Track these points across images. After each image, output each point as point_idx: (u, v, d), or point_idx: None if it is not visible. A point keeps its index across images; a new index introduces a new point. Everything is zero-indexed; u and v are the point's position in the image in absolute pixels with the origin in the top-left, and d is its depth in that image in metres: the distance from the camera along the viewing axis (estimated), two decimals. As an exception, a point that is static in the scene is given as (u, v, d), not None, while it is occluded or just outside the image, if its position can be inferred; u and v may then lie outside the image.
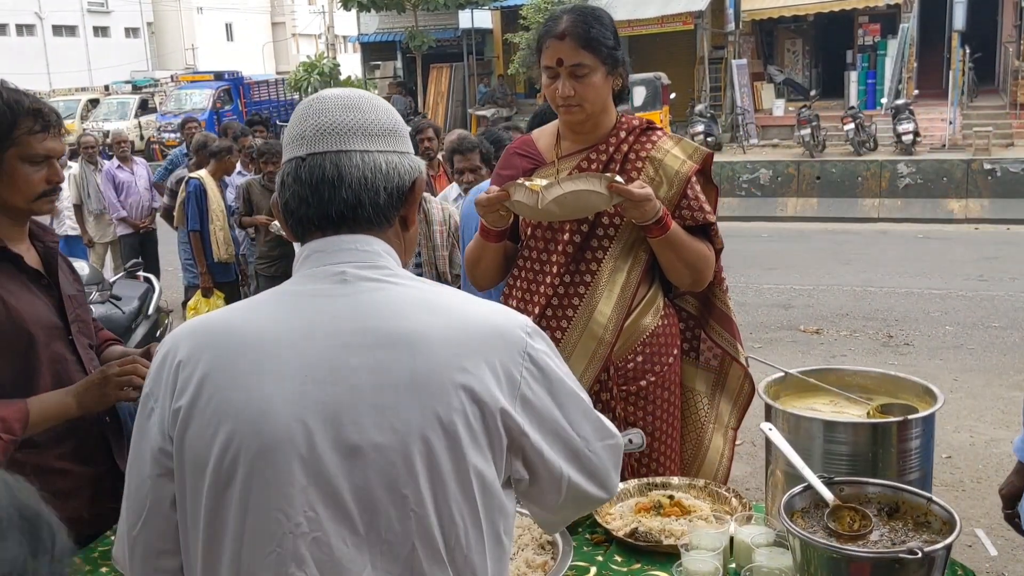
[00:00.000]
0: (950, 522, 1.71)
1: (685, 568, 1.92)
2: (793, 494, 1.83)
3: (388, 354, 1.29)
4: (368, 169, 1.39)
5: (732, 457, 2.94)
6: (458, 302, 1.38)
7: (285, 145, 1.44)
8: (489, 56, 29.09)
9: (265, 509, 1.28)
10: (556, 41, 2.57)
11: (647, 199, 2.48)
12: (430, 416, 1.28)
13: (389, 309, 1.33)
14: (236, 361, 1.31)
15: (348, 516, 1.27)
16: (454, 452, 1.29)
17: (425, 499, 1.28)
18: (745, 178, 15.21)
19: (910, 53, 20.46)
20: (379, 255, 1.39)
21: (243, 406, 1.28)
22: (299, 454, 1.27)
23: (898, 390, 2.17)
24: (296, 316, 1.33)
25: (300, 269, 1.40)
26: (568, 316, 2.69)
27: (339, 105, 1.41)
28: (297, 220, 1.41)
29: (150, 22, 49.00)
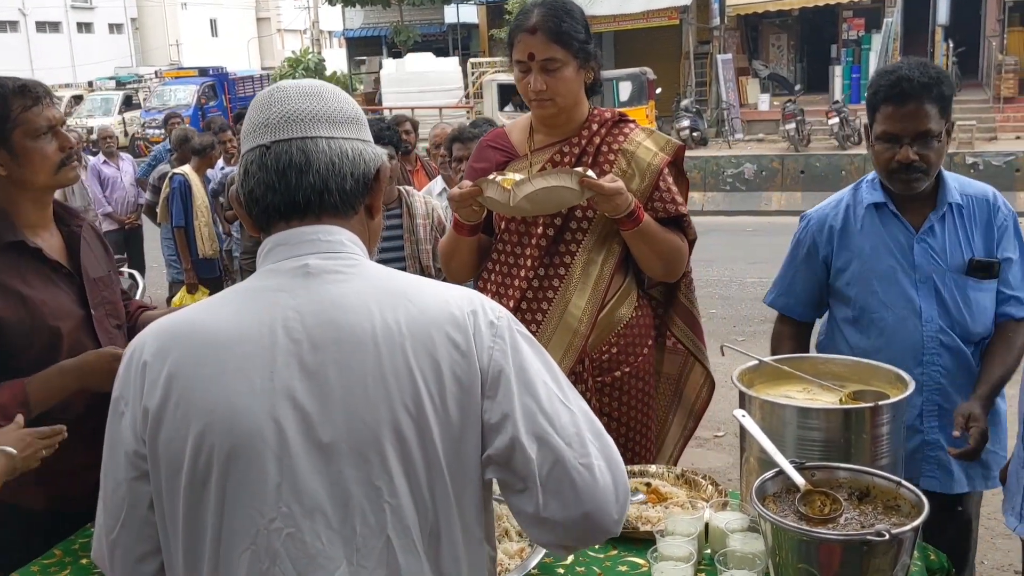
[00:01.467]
0: (919, 505, 1.74)
1: (660, 553, 1.94)
2: (765, 479, 1.85)
3: (353, 347, 1.29)
4: (335, 155, 1.39)
5: (688, 440, 3.00)
6: (421, 289, 1.37)
7: (245, 135, 1.42)
8: (475, 51, 29.07)
9: (240, 507, 1.28)
10: (527, 35, 2.58)
11: (618, 193, 2.50)
12: (400, 407, 1.28)
13: (352, 301, 1.32)
14: (201, 360, 1.31)
15: (322, 511, 1.28)
16: (426, 441, 1.29)
17: (399, 490, 1.29)
18: (730, 172, 15.25)
19: (894, 47, 20.55)
20: (343, 244, 1.39)
21: (212, 405, 1.28)
22: (271, 451, 1.27)
23: (870, 377, 2.19)
24: (259, 313, 1.32)
25: (263, 263, 1.39)
26: (543, 309, 2.71)
27: (301, 93, 1.41)
28: (262, 209, 1.39)
29: (134, 18, 48.77)
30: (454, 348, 1.31)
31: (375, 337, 1.29)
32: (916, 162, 2.46)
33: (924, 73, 2.44)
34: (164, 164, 8.43)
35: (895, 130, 2.47)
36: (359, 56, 32.10)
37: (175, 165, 7.62)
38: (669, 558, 1.92)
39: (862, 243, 2.66)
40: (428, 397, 1.29)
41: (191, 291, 7.22)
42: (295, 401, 1.28)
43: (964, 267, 2.56)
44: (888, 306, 2.60)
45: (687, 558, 1.91)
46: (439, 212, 4.23)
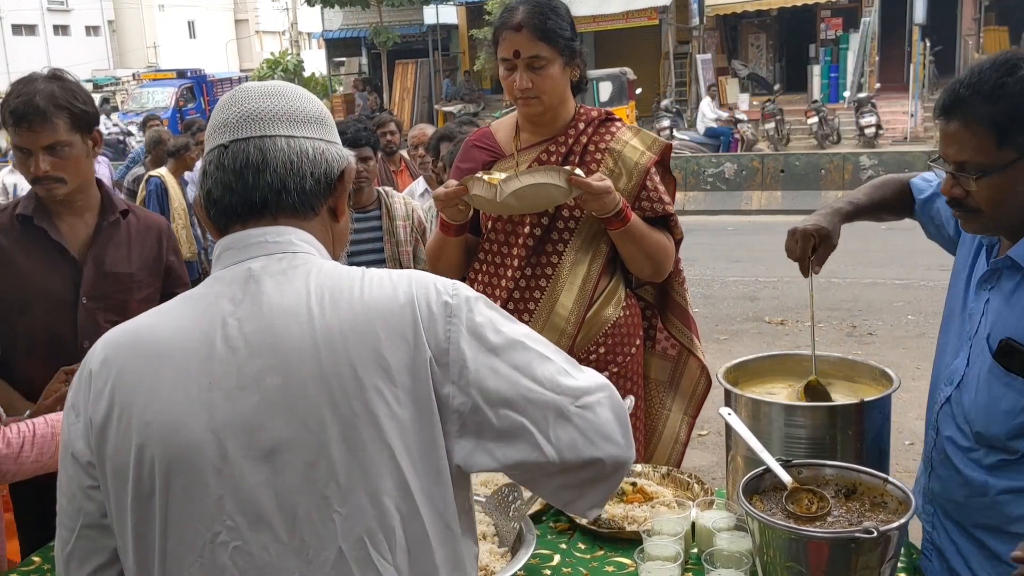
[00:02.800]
0: (906, 502, 1.73)
1: (647, 553, 1.93)
2: (751, 477, 1.84)
3: (292, 352, 1.25)
4: (294, 153, 1.36)
5: (687, 443, 2.96)
6: (366, 282, 1.32)
7: (208, 137, 1.40)
8: (455, 52, 29.06)
9: (184, 521, 1.26)
10: (512, 33, 2.56)
11: (606, 191, 2.49)
12: (346, 411, 1.23)
13: (291, 304, 1.28)
14: (141, 371, 1.28)
15: (268, 523, 1.24)
16: (380, 445, 1.24)
17: (350, 499, 1.24)
18: (710, 172, 15.30)
19: (872, 47, 20.68)
20: (292, 244, 1.35)
21: (151, 418, 1.26)
22: (212, 464, 1.24)
23: (855, 374, 2.19)
24: (199, 322, 1.30)
25: (213, 268, 1.37)
26: (530, 309, 2.69)
27: (262, 93, 1.38)
28: (220, 210, 1.36)
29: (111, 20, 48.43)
30: (401, 339, 1.26)
31: (315, 339, 1.25)
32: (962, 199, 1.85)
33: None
34: (138, 167, 8.37)
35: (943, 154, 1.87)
36: (338, 57, 31.99)
37: (150, 167, 7.56)
38: (656, 558, 1.91)
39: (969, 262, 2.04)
40: (377, 395, 1.24)
41: (170, 294, 7.17)
42: (234, 412, 1.24)
43: (994, 347, 1.85)
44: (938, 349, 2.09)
45: (674, 558, 1.90)
46: (419, 213, 4.21)
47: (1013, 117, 1.72)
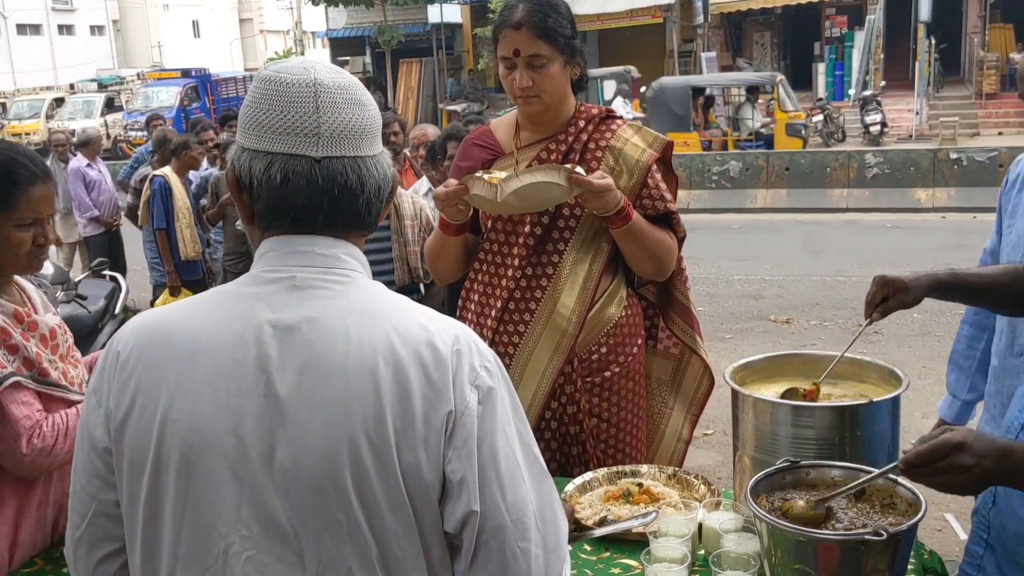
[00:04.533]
0: (915, 504, 1.71)
1: (653, 555, 1.91)
2: (759, 478, 1.82)
3: (322, 371, 1.23)
4: (381, 178, 1.34)
5: (689, 441, 2.95)
6: (408, 316, 1.29)
7: (282, 132, 1.29)
8: (459, 51, 29.05)
9: (199, 525, 1.24)
10: (512, 31, 2.54)
11: (607, 189, 2.47)
12: (361, 437, 1.21)
13: (330, 322, 1.25)
14: (169, 367, 1.26)
15: (283, 536, 1.23)
16: (388, 475, 1.22)
17: (360, 525, 1.23)
18: (715, 170, 15.26)
19: (877, 45, 20.64)
20: (339, 259, 1.32)
21: (177, 416, 1.24)
22: (232, 469, 1.23)
23: (863, 374, 2.17)
24: (234, 322, 1.27)
25: (255, 267, 1.33)
26: (531, 309, 2.68)
27: (350, 101, 1.32)
28: (293, 219, 1.30)
29: (115, 19, 48.49)
30: (428, 385, 1.23)
31: (346, 362, 1.23)
32: None
33: None
34: (145, 166, 8.37)
35: None
36: (342, 56, 31.98)
37: (156, 167, 7.56)
38: (663, 560, 1.89)
39: None
40: (393, 431, 1.21)
41: (174, 294, 7.17)
42: (260, 421, 1.23)
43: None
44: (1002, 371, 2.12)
45: (681, 560, 1.88)
46: (427, 212, 4.20)
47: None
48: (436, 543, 1.27)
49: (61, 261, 9.07)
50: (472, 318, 2.79)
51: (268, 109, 1.29)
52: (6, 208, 2.09)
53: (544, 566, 1.28)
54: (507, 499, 1.25)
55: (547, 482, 1.33)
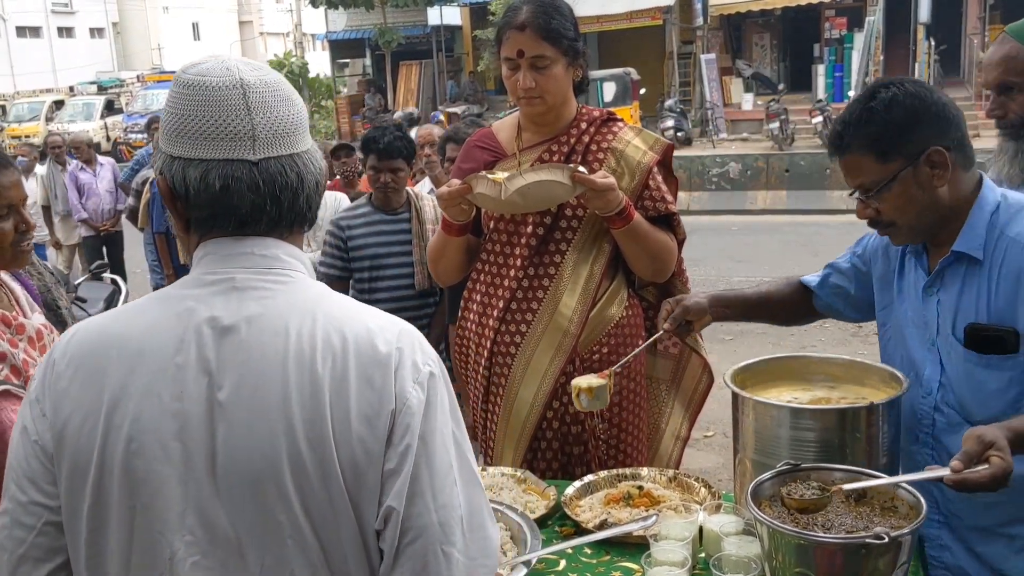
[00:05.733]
0: (916, 506, 1.71)
1: (654, 558, 1.91)
2: (760, 481, 1.82)
3: (261, 371, 1.22)
4: (318, 172, 1.33)
5: (687, 440, 2.97)
6: (349, 315, 1.28)
7: (215, 137, 1.26)
8: (459, 53, 29.04)
9: (147, 532, 1.23)
10: (516, 32, 2.55)
11: (610, 188, 2.49)
12: (301, 438, 1.20)
13: (269, 322, 1.24)
14: (109, 373, 1.25)
15: (227, 541, 1.22)
16: (328, 477, 1.21)
17: (302, 525, 1.22)
18: (715, 172, 15.26)
19: (876, 46, 20.61)
20: (279, 259, 1.30)
21: (119, 422, 1.23)
22: (177, 474, 1.22)
23: (864, 376, 2.16)
24: (174, 325, 1.26)
25: (193, 270, 1.31)
26: (532, 309, 2.68)
27: (278, 97, 1.30)
28: (237, 224, 1.29)
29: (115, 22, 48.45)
30: (367, 384, 1.22)
31: (285, 362, 1.22)
32: (876, 218, 2.04)
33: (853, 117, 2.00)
34: (147, 168, 8.37)
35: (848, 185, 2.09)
36: (342, 59, 32.00)
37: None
38: (663, 563, 1.89)
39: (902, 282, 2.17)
40: (332, 430, 1.20)
41: (174, 296, 7.15)
42: (202, 424, 1.22)
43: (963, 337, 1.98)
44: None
45: (681, 563, 1.88)
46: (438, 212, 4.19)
47: (884, 134, 1.94)
48: (376, 544, 1.26)
49: (61, 263, 9.08)
50: (474, 318, 2.80)
51: (197, 115, 1.26)
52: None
53: (467, 574, 1.26)
54: (437, 500, 1.24)
55: (478, 490, 1.31)
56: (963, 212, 1.99)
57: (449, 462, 1.26)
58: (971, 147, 2.02)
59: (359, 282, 3.99)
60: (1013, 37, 2.35)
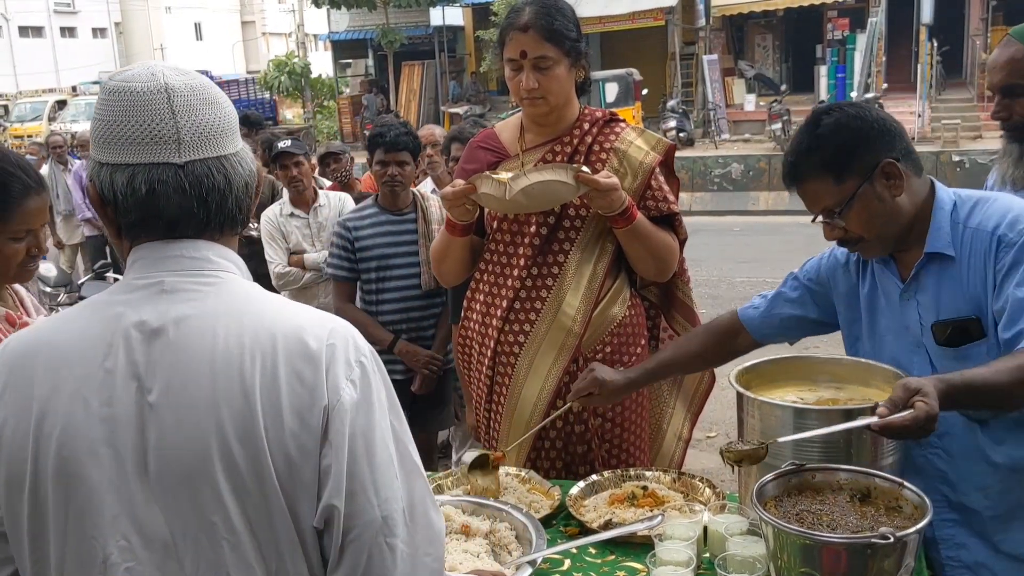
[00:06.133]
0: (921, 507, 1.71)
1: (659, 558, 1.91)
2: (765, 482, 1.83)
3: (189, 372, 1.22)
4: (247, 174, 1.33)
5: (689, 440, 2.98)
6: (279, 313, 1.28)
7: (142, 142, 1.26)
8: (461, 53, 29.04)
9: (81, 538, 1.23)
10: (519, 33, 2.56)
11: (613, 188, 2.50)
12: (232, 437, 1.20)
13: (197, 323, 1.24)
14: (40, 380, 1.25)
15: (162, 545, 1.22)
16: (262, 476, 1.21)
17: (236, 526, 1.22)
18: (717, 172, 15.27)
19: (878, 47, 20.60)
20: (209, 261, 1.30)
21: (50, 429, 1.23)
22: (109, 480, 1.22)
23: (869, 376, 2.16)
24: (103, 331, 1.26)
25: (124, 276, 1.32)
26: (536, 308, 2.69)
27: (203, 101, 1.30)
28: (166, 228, 1.29)
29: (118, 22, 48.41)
30: (298, 380, 1.22)
31: (213, 362, 1.22)
32: (845, 236, 2.11)
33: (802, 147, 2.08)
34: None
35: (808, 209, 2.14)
36: (344, 59, 32.00)
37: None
38: (668, 563, 1.90)
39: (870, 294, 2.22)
40: (263, 428, 1.20)
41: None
42: (132, 428, 1.22)
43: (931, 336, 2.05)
44: None
45: (686, 563, 1.88)
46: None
47: (835, 157, 2.02)
48: (314, 542, 1.26)
49: (63, 263, 9.09)
50: (477, 318, 2.80)
51: (122, 121, 1.26)
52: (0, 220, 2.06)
53: (412, 565, 1.27)
54: (379, 495, 1.24)
55: (420, 480, 1.31)
56: (924, 216, 2.06)
57: (389, 455, 1.27)
58: (916, 154, 2.11)
59: (366, 283, 4.00)
60: (1017, 40, 2.36)
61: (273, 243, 5.07)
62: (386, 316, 3.99)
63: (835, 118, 2.05)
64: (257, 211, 5.88)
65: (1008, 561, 2.01)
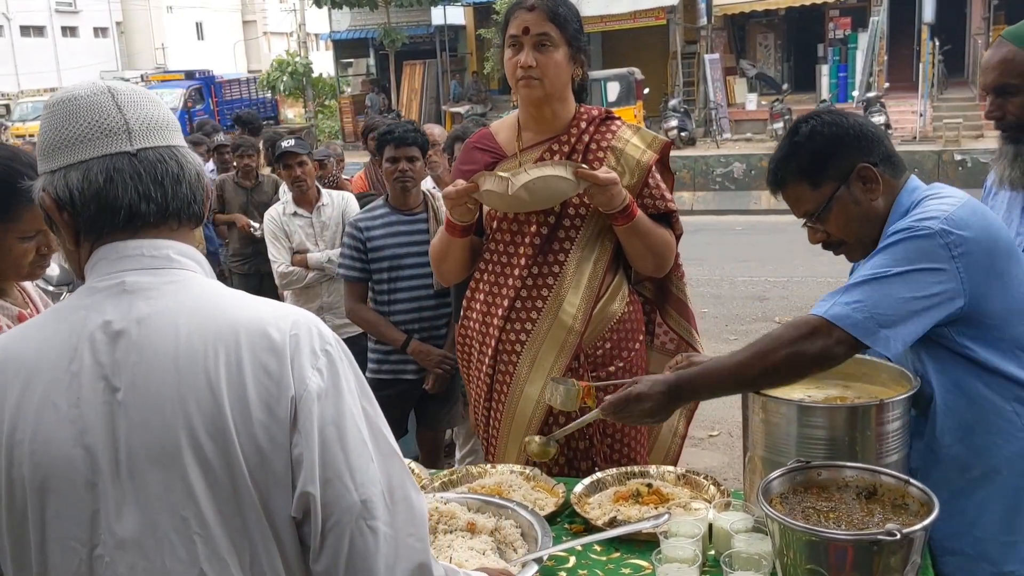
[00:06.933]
0: (928, 504, 1.71)
1: (664, 555, 1.91)
2: (771, 479, 1.83)
3: (153, 369, 1.23)
4: (196, 165, 1.37)
5: (685, 436, 2.99)
6: (240, 306, 1.29)
7: (93, 138, 1.30)
8: (462, 53, 29.04)
9: (59, 539, 1.24)
10: (524, 12, 2.60)
11: (613, 183, 2.53)
12: (201, 432, 1.21)
13: (159, 321, 1.25)
14: (6, 391, 1.26)
15: (135, 542, 1.23)
16: (232, 470, 1.22)
17: (208, 521, 1.23)
18: (719, 172, 15.28)
19: (880, 46, 20.60)
20: (169, 259, 1.32)
21: (21, 437, 1.24)
22: (85, 479, 1.23)
23: (875, 375, 2.17)
24: (68, 335, 1.27)
25: (88, 279, 1.33)
26: (537, 308, 2.70)
27: (144, 99, 1.35)
28: (126, 219, 1.30)
29: (119, 21, 48.52)
30: (264, 372, 1.23)
31: (176, 358, 1.23)
32: (827, 240, 2.17)
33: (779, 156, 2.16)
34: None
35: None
36: (346, 59, 31.99)
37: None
38: (674, 560, 1.89)
39: None
40: (232, 422, 1.21)
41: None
42: (103, 428, 1.23)
43: None
44: None
45: (692, 560, 1.88)
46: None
47: (811, 163, 2.11)
48: (289, 533, 1.27)
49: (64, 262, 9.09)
50: (477, 318, 2.81)
51: (70, 124, 1.30)
52: (10, 220, 2.06)
53: (395, 546, 1.28)
54: (355, 479, 1.25)
55: (396, 460, 1.32)
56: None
57: (363, 439, 1.28)
58: (898, 157, 2.14)
59: (378, 283, 4.00)
60: (1010, 41, 2.37)
61: (276, 242, 5.07)
62: (398, 316, 3.99)
63: (811, 126, 2.13)
64: (262, 210, 5.91)
65: None
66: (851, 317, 1.91)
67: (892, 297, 1.90)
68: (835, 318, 1.92)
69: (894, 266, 1.92)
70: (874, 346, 1.92)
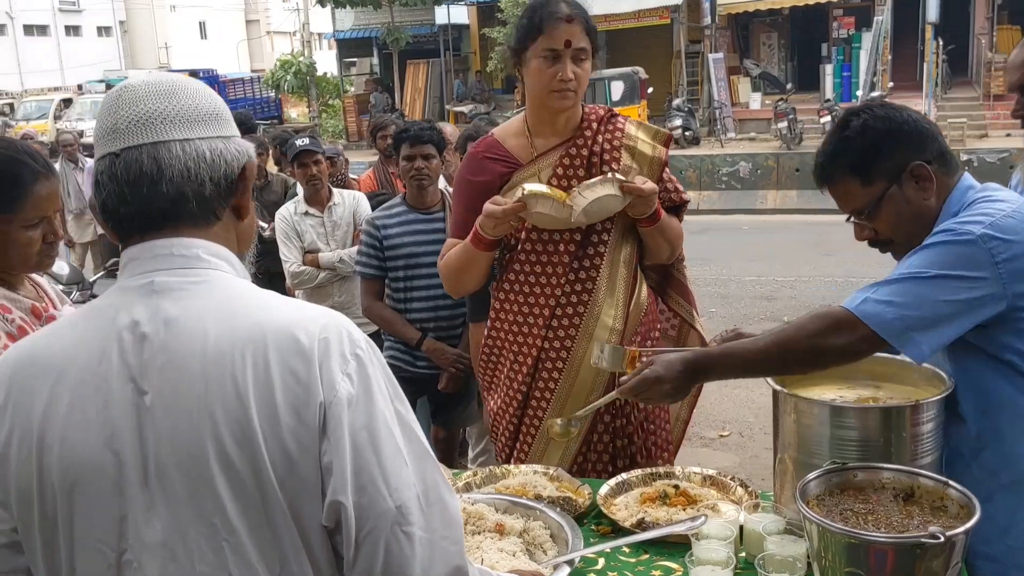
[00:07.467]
0: (968, 506, 1.69)
1: (697, 557, 1.90)
2: (808, 480, 1.81)
3: (181, 373, 1.21)
4: (190, 159, 1.28)
5: (688, 421, 3.00)
6: (269, 308, 1.26)
7: (97, 141, 1.32)
8: (466, 52, 29.01)
9: (88, 543, 1.24)
10: (564, 23, 2.54)
11: (654, 192, 2.56)
12: (228, 438, 1.19)
13: (187, 323, 1.23)
14: (39, 392, 1.25)
15: (165, 547, 1.22)
16: (260, 476, 1.20)
17: (236, 527, 1.21)
18: (725, 171, 15.25)
19: (884, 46, 20.57)
20: (198, 258, 1.29)
21: (51, 441, 1.23)
22: (112, 483, 1.22)
23: (906, 375, 2.14)
24: (97, 335, 1.26)
25: (119, 279, 1.32)
26: (575, 324, 2.69)
27: (154, 92, 1.30)
28: (117, 221, 1.30)
29: (122, 20, 48.49)
30: (292, 377, 1.20)
31: (204, 361, 1.21)
32: (874, 238, 2.12)
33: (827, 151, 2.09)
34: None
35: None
36: (349, 58, 31.98)
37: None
38: (707, 562, 1.88)
39: None
40: (259, 428, 1.19)
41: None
42: (131, 431, 1.22)
43: None
44: None
45: (726, 562, 1.87)
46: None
47: (862, 160, 2.01)
48: (320, 541, 1.25)
49: (74, 261, 9.08)
50: (510, 328, 2.78)
51: (96, 125, 1.34)
52: (12, 210, 2.04)
53: (431, 550, 1.25)
54: (390, 484, 1.23)
55: (430, 462, 1.29)
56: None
57: (396, 444, 1.25)
58: (952, 154, 2.05)
59: (394, 281, 3.98)
60: None
61: (288, 242, 5.05)
62: (415, 314, 3.97)
63: (863, 120, 2.03)
64: (271, 209, 5.89)
65: None
66: (880, 316, 1.87)
67: (925, 299, 1.86)
68: (864, 315, 1.88)
69: (931, 268, 1.88)
70: (900, 348, 1.89)
